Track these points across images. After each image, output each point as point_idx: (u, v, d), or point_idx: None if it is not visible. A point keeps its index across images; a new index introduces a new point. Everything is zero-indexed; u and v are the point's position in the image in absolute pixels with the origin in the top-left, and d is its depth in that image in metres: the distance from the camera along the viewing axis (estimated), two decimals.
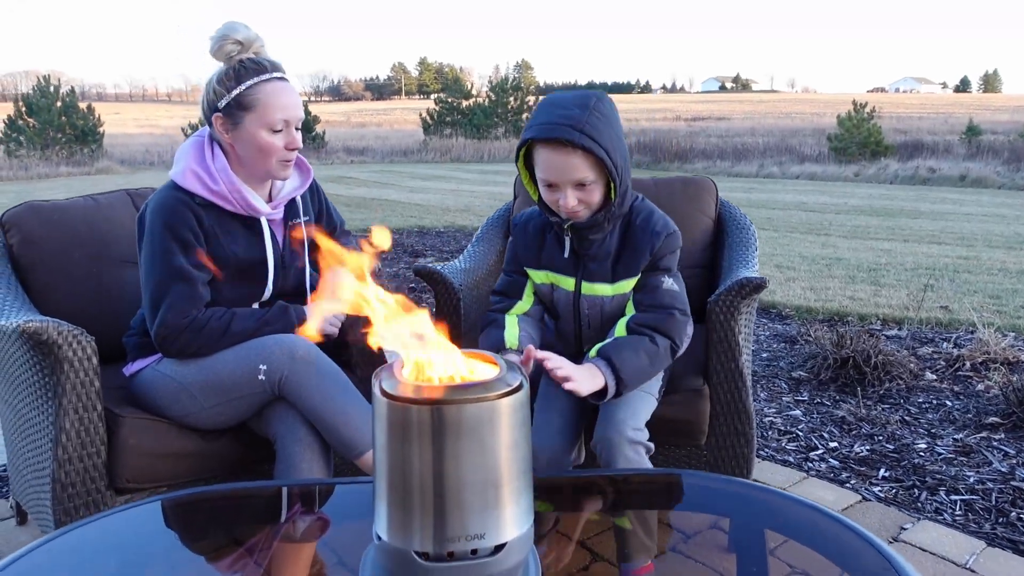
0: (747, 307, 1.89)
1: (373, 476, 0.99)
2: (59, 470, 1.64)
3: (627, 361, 1.65)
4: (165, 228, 1.72)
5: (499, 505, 0.95)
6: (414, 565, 0.96)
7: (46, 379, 1.64)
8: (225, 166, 1.78)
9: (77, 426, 1.64)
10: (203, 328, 1.73)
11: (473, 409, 0.92)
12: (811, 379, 3.60)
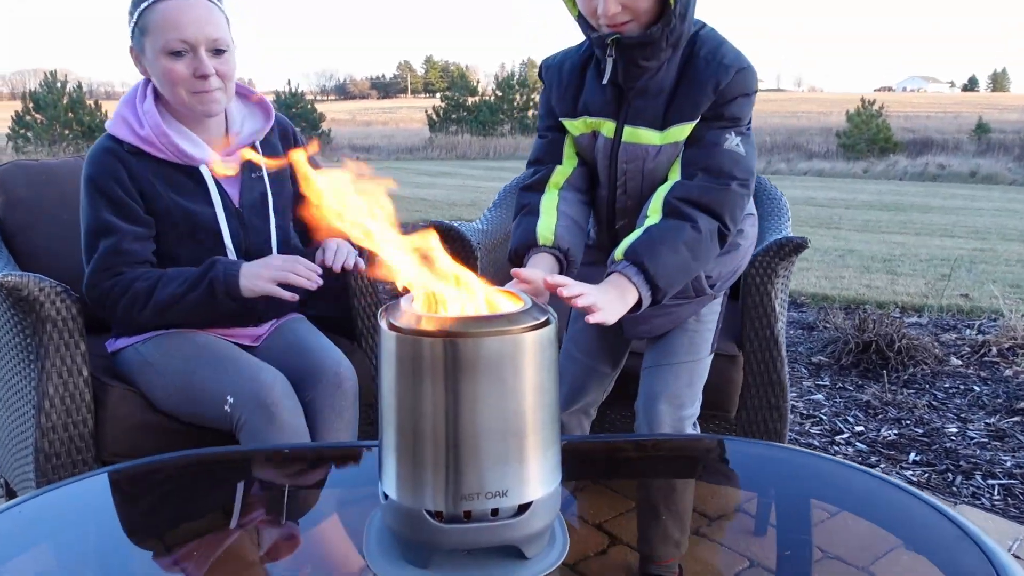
0: (785, 270, 1.77)
1: (380, 426, 0.87)
2: (42, 439, 1.53)
3: (663, 262, 1.30)
4: (89, 181, 1.57)
5: (523, 458, 0.83)
6: (426, 527, 0.84)
7: (28, 340, 1.53)
8: (152, 108, 1.57)
9: (61, 391, 1.53)
10: (129, 288, 1.53)
11: (494, 343, 0.80)
12: (832, 364, 3.48)
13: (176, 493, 1.14)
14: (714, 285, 1.53)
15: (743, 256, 1.59)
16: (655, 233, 1.33)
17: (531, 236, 1.40)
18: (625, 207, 1.48)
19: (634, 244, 1.33)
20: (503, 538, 0.85)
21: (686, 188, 1.36)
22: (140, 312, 1.53)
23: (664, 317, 1.53)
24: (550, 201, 1.45)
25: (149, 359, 1.62)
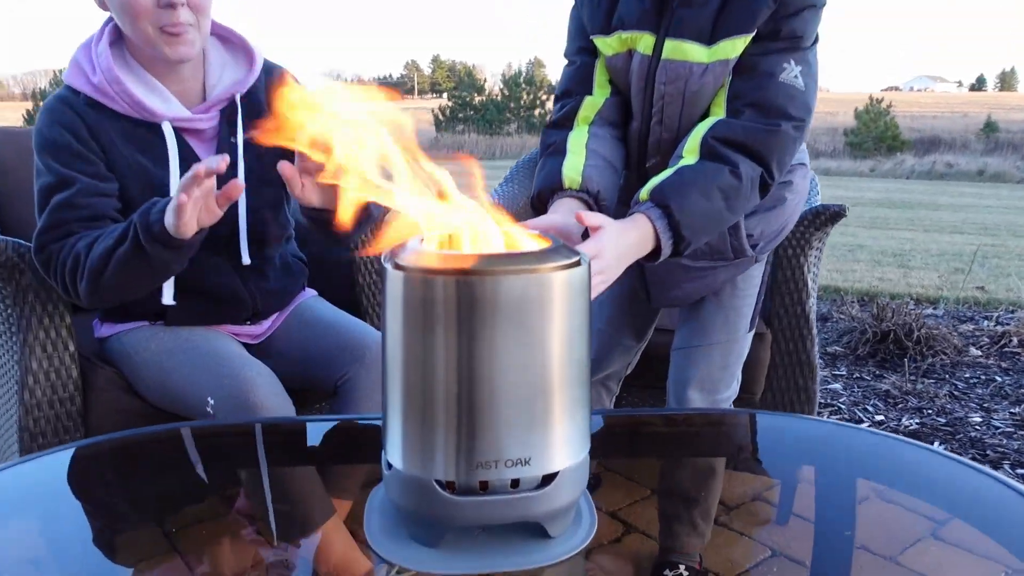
0: (819, 242, 1.66)
1: (384, 385, 0.77)
2: (26, 416, 1.43)
3: (691, 207, 1.14)
4: (40, 133, 1.36)
5: (548, 421, 0.73)
6: (436, 500, 0.73)
7: (9, 311, 1.44)
8: (107, 50, 1.34)
9: (46, 366, 1.44)
10: (72, 249, 1.29)
11: (517, 283, 0.69)
12: (848, 354, 3.38)
13: (156, 468, 1.04)
14: (756, 246, 1.37)
15: (790, 213, 1.42)
16: (687, 174, 1.17)
17: (556, 178, 1.23)
18: (659, 141, 1.31)
19: (662, 184, 1.17)
20: (524, 513, 0.75)
21: (729, 127, 1.19)
22: (81, 279, 1.28)
23: (696, 282, 1.39)
24: (578, 138, 1.28)
25: (130, 351, 1.47)
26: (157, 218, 1.20)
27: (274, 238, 1.52)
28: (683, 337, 1.50)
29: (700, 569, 0.68)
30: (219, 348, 1.42)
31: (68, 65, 1.38)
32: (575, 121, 1.32)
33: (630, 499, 0.81)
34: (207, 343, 1.43)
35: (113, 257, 1.24)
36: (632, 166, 1.37)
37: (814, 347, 1.66)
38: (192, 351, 1.41)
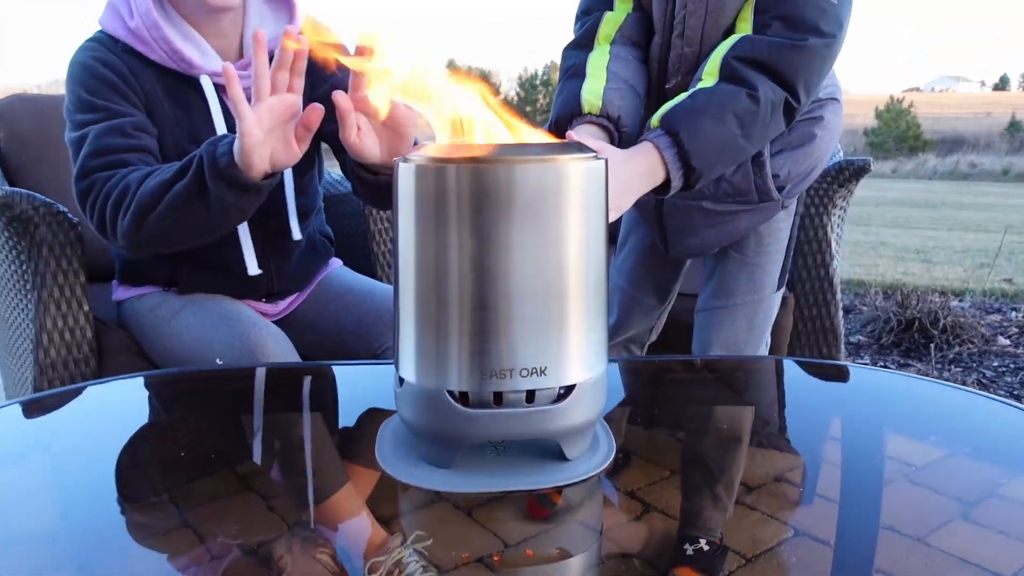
0: (842, 199, 1.61)
1: (395, 292, 0.74)
2: (41, 377, 1.42)
3: (703, 134, 1.06)
4: (76, 68, 1.27)
5: (565, 328, 0.70)
6: (449, 413, 0.71)
7: (24, 268, 1.43)
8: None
9: (60, 325, 1.42)
10: (123, 179, 1.17)
11: (532, 171, 0.66)
12: (872, 343, 3.32)
13: (170, 409, 1.02)
14: (783, 188, 1.30)
15: (820, 153, 1.33)
16: (700, 99, 1.10)
17: (575, 102, 1.18)
18: (680, 56, 1.23)
19: (673, 109, 1.10)
20: (540, 429, 0.72)
21: (752, 45, 1.12)
22: (125, 214, 1.16)
23: (717, 228, 1.33)
24: (599, 59, 1.22)
25: (142, 315, 1.43)
26: (225, 151, 1.07)
27: (306, 213, 1.45)
28: (706, 298, 1.44)
29: (720, 545, 0.65)
30: (229, 310, 1.37)
31: (104, 9, 1.31)
32: (595, 40, 1.26)
33: (649, 479, 0.78)
34: (218, 306, 1.39)
35: (168, 193, 1.11)
36: (652, 86, 1.30)
37: (838, 312, 1.61)
38: (201, 313, 1.37)
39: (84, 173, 1.20)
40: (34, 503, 0.74)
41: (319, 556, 0.63)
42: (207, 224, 1.16)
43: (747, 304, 1.40)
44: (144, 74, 1.29)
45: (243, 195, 1.10)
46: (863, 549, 0.67)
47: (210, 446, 0.88)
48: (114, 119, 1.23)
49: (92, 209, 1.20)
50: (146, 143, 1.25)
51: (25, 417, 0.96)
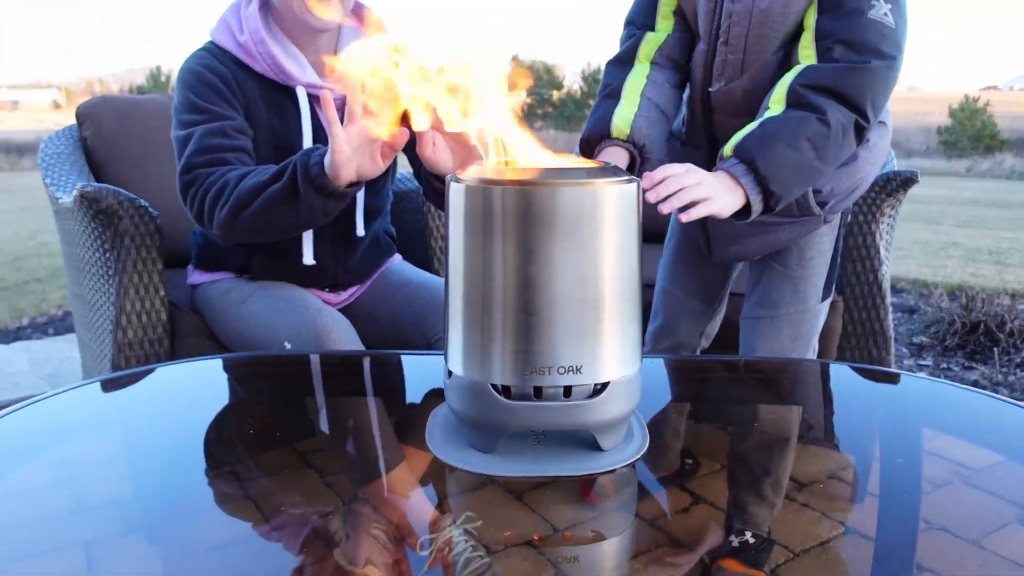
0: (891, 208, 1.62)
1: (445, 296, 0.80)
2: (119, 355, 1.53)
3: (778, 160, 1.10)
4: (187, 73, 1.40)
5: (600, 331, 0.75)
6: (492, 404, 0.76)
7: (107, 255, 1.54)
8: (256, 13, 1.40)
9: (138, 308, 1.53)
10: (222, 177, 1.30)
11: (572, 194, 0.72)
12: (935, 345, 3.25)
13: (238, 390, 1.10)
14: (824, 204, 1.32)
15: (864, 174, 1.36)
16: (770, 126, 1.13)
17: (605, 125, 1.25)
18: (724, 63, 1.27)
19: (745, 138, 1.14)
20: (575, 421, 0.77)
21: (816, 72, 1.15)
22: (223, 207, 1.29)
23: (759, 238, 1.36)
24: (636, 82, 1.28)
25: (213, 300, 1.54)
26: (317, 161, 1.21)
27: (373, 213, 1.55)
28: (750, 307, 1.47)
29: (767, 538, 0.67)
30: (296, 296, 1.48)
31: (216, 23, 1.45)
32: (636, 58, 1.31)
33: (698, 473, 0.81)
34: (286, 292, 1.49)
35: (264, 193, 1.25)
36: (696, 89, 1.34)
37: (888, 316, 1.61)
38: (269, 298, 1.47)
39: (188, 168, 1.33)
40: (109, 473, 0.83)
41: (373, 532, 0.68)
42: (295, 222, 1.30)
43: (791, 315, 1.42)
44: (247, 83, 1.41)
45: (329, 200, 1.23)
46: (914, 549, 0.68)
47: (274, 425, 0.95)
48: (217, 121, 1.36)
49: (193, 200, 1.33)
50: (244, 144, 1.38)
51: (103, 393, 1.05)
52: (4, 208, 7.94)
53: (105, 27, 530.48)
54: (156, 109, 2.02)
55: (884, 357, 1.65)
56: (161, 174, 1.96)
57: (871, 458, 0.90)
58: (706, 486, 0.79)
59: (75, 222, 1.63)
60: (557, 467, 0.78)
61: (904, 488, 0.80)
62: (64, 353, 2.98)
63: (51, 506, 0.74)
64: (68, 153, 1.88)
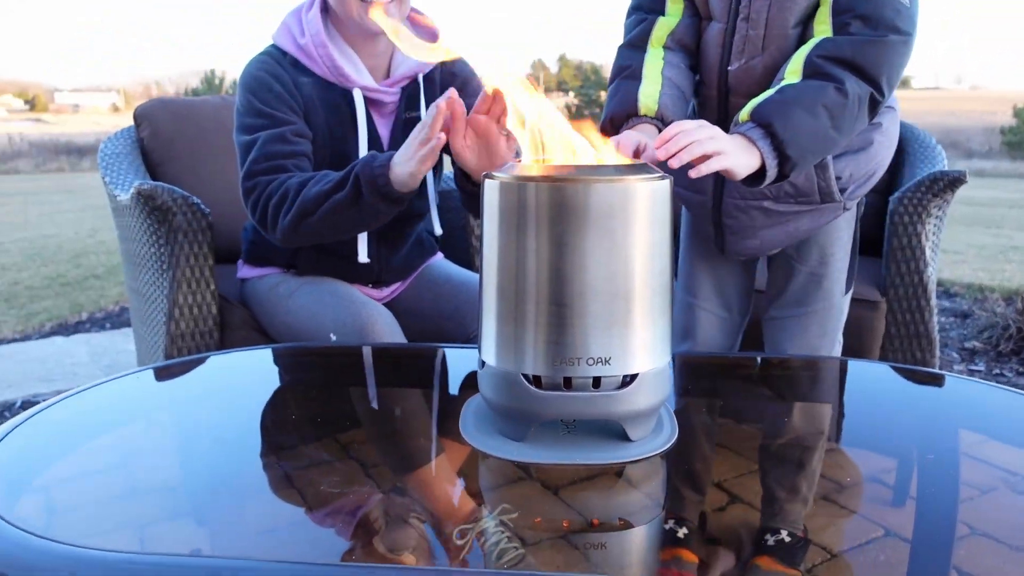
0: (937, 208, 1.59)
1: (480, 288, 0.83)
2: (171, 346, 1.60)
3: (796, 125, 1.10)
4: (248, 78, 1.46)
5: (629, 324, 0.77)
6: (523, 393, 0.79)
7: (161, 250, 1.61)
8: (317, 18, 1.46)
9: (190, 301, 1.60)
10: (284, 184, 1.36)
11: (603, 190, 0.74)
12: (988, 350, 3.17)
13: (284, 380, 1.14)
14: (844, 190, 1.31)
15: (880, 159, 1.34)
16: (790, 93, 1.13)
17: (631, 103, 1.24)
18: (745, 39, 1.25)
19: (763, 103, 1.13)
20: (604, 411, 0.79)
21: (834, 44, 1.16)
22: (285, 215, 1.35)
23: (776, 229, 1.34)
24: (654, 63, 1.28)
25: (262, 294, 1.60)
26: (382, 171, 1.28)
27: (418, 212, 1.60)
28: (775, 306, 1.46)
29: (803, 538, 0.66)
30: (341, 290, 1.53)
31: (278, 27, 1.51)
32: (648, 42, 1.31)
33: (737, 471, 0.82)
34: (331, 286, 1.55)
35: (328, 202, 1.31)
36: (711, 71, 1.32)
37: (932, 318, 1.58)
38: (316, 292, 1.52)
39: (250, 175, 1.40)
40: (158, 457, 0.87)
41: (410, 520, 0.71)
42: (355, 226, 1.38)
43: (818, 312, 1.41)
44: (305, 86, 1.47)
45: (392, 205, 1.31)
46: (954, 554, 0.68)
47: (317, 413, 0.99)
48: (278, 127, 1.41)
49: (255, 206, 1.40)
50: (303, 148, 1.44)
51: (156, 380, 1.10)
52: (66, 208, 8.24)
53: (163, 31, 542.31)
54: (209, 111, 2.09)
55: (928, 360, 1.62)
56: (213, 173, 2.04)
57: (912, 460, 0.89)
58: (741, 484, 0.79)
59: (132, 218, 1.70)
60: (585, 455, 0.80)
61: (946, 491, 0.79)
62: (121, 346, 3.09)
63: (103, 490, 0.78)
64: (126, 153, 1.96)
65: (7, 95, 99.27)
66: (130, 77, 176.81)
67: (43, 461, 0.84)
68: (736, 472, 0.82)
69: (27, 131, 22.46)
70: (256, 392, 1.07)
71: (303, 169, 1.41)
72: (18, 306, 3.82)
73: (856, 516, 0.73)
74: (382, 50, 1.51)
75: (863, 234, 1.43)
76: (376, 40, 1.48)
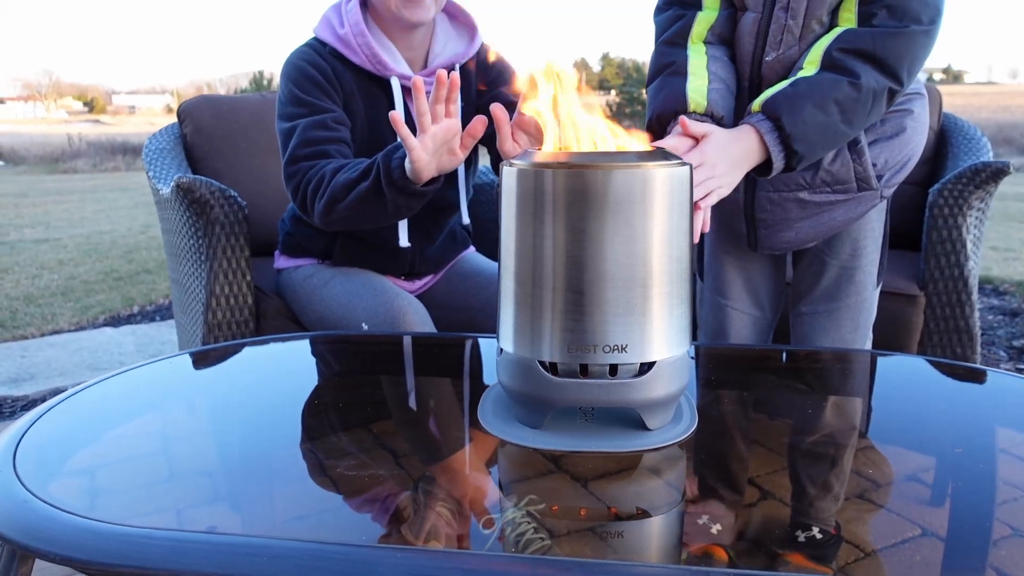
0: (979, 201, 1.54)
1: (499, 275, 0.83)
2: (208, 335, 1.64)
3: (804, 119, 1.12)
4: (290, 67, 1.49)
5: (647, 311, 0.77)
6: (540, 380, 0.79)
7: (200, 242, 1.65)
8: (356, 9, 1.50)
9: (227, 291, 1.64)
10: (322, 169, 1.39)
11: (621, 176, 0.74)
12: None
13: (317, 367, 1.17)
14: (881, 177, 1.29)
15: (914, 146, 1.32)
16: (802, 86, 1.14)
17: (680, 100, 1.21)
18: (782, 28, 1.23)
19: (775, 95, 1.14)
20: (621, 399, 0.79)
21: (855, 35, 1.15)
22: (320, 199, 1.38)
23: (812, 220, 1.32)
24: (698, 58, 1.26)
25: (296, 284, 1.63)
26: (398, 164, 1.28)
27: (452, 203, 1.61)
28: (805, 301, 1.43)
29: (835, 535, 0.65)
30: (374, 281, 1.56)
31: (319, 20, 1.55)
32: (689, 39, 1.29)
33: (769, 468, 0.80)
34: (365, 277, 1.58)
35: (354, 191, 1.34)
36: (744, 63, 1.30)
37: (974, 313, 1.54)
38: (349, 283, 1.55)
39: (292, 160, 1.43)
40: (190, 440, 0.89)
41: (439, 509, 0.71)
42: (384, 216, 1.38)
43: (850, 306, 1.39)
44: (345, 75, 1.50)
45: (412, 199, 1.32)
46: (991, 554, 0.66)
47: (346, 401, 1.01)
48: (318, 114, 1.44)
49: (296, 191, 1.43)
50: (343, 135, 1.46)
51: (191, 366, 1.13)
52: (120, 205, 8.48)
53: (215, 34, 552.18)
54: (250, 107, 2.14)
55: (969, 356, 1.58)
56: (252, 168, 2.08)
57: (950, 457, 0.86)
58: (771, 480, 0.78)
59: (173, 211, 1.75)
60: (601, 443, 0.80)
61: (986, 490, 0.77)
62: (166, 336, 3.18)
63: (133, 471, 0.81)
64: (169, 148, 2.01)
65: (68, 98, 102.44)
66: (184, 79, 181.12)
67: (75, 442, 0.87)
68: (767, 468, 0.81)
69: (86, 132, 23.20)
70: (288, 380, 1.09)
71: (344, 155, 1.43)
72: (74, 299, 3.95)
73: (891, 514, 0.71)
74: (419, 42, 1.53)
75: (901, 228, 1.40)
76: (413, 32, 1.51)
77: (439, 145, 1.24)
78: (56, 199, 9.10)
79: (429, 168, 1.25)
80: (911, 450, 0.87)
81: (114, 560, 0.63)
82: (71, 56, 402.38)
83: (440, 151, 1.25)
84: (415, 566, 0.61)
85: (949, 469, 0.82)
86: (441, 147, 1.25)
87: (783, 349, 1.29)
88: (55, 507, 0.68)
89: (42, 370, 2.75)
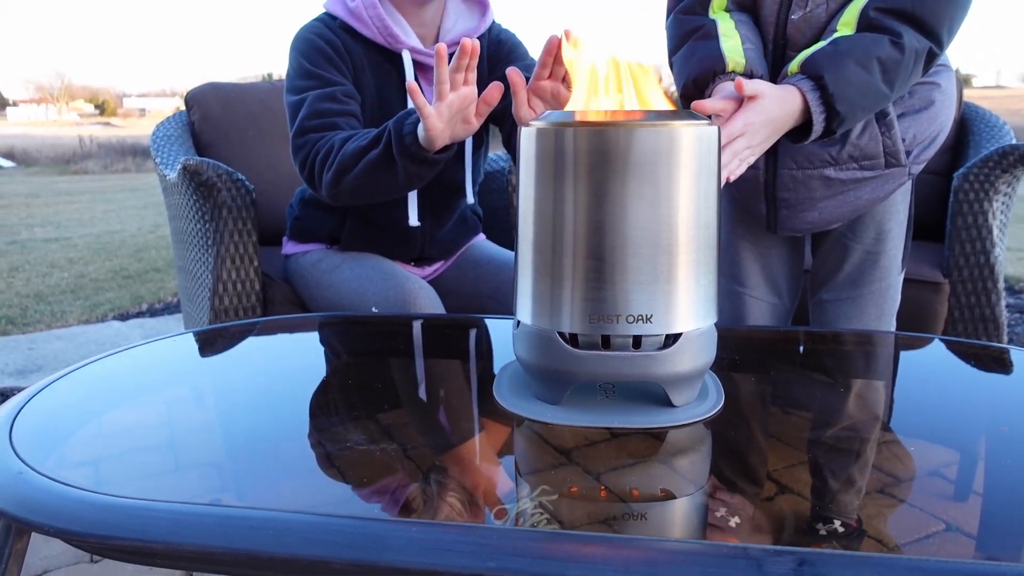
0: (1007, 185, 1.50)
1: (516, 243, 0.79)
2: (215, 321, 1.61)
3: (847, 78, 1.06)
4: (300, 41, 1.48)
5: (672, 279, 0.73)
6: (559, 353, 0.75)
7: (207, 227, 1.62)
8: None
9: (234, 276, 1.61)
10: (331, 140, 1.36)
11: (645, 135, 0.70)
12: None
13: (325, 350, 1.13)
14: (909, 153, 1.24)
15: (943, 120, 1.28)
16: (843, 44, 1.08)
17: (717, 60, 1.15)
18: (797, 40, 1.19)
19: (815, 54, 1.09)
20: (645, 373, 0.75)
21: None
22: (328, 169, 1.35)
23: (837, 199, 1.26)
24: (726, 22, 1.21)
25: (304, 270, 1.60)
26: (410, 129, 1.25)
27: (458, 181, 1.57)
28: (827, 288, 1.39)
29: (857, 528, 0.62)
30: (384, 265, 1.53)
31: None
32: (709, 8, 1.25)
33: (787, 462, 0.76)
34: (374, 261, 1.55)
35: (363, 159, 1.31)
36: (769, 24, 1.24)
37: (1000, 301, 1.49)
38: (358, 267, 1.52)
39: (300, 132, 1.39)
40: (195, 420, 0.86)
41: (449, 499, 0.68)
42: (394, 185, 1.34)
43: (875, 292, 1.34)
44: (355, 48, 1.47)
45: (423, 166, 1.28)
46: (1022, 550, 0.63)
47: (357, 385, 0.97)
48: (327, 87, 1.41)
49: (304, 162, 1.39)
50: (352, 108, 1.43)
51: (194, 344, 1.10)
52: (130, 205, 8.49)
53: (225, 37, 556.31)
54: (257, 94, 2.11)
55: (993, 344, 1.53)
56: (259, 154, 2.05)
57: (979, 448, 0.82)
58: (791, 473, 0.74)
59: (179, 196, 1.72)
60: (623, 419, 0.76)
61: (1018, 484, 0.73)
62: (173, 328, 3.17)
63: (131, 443, 0.77)
64: (177, 135, 1.99)
65: (79, 100, 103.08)
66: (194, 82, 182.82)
67: (74, 416, 0.84)
68: (786, 461, 0.77)
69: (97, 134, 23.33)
70: (296, 357, 1.06)
71: (353, 127, 1.40)
72: (84, 297, 3.94)
73: (914, 508, 0.67)
74: (431, 18, 1.51)
75: (923, 219, 1.36)
76: (425, 8, 1.49)
77: (455, 113, 1.21)
78: (67, 199, 9.13)
79: (443, 136, 1.23)
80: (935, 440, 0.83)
81: (113, 532, 0.59)
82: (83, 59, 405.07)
83: (455, 119, 1.22)
84: (428, 540, 0.58)
85: (976, 462, 0.78)
86: (456, 115, 1.22)
87: (806, 331, 1.25)
88: (52, 479, 0.65)
89: (49, 362, 2.74)
